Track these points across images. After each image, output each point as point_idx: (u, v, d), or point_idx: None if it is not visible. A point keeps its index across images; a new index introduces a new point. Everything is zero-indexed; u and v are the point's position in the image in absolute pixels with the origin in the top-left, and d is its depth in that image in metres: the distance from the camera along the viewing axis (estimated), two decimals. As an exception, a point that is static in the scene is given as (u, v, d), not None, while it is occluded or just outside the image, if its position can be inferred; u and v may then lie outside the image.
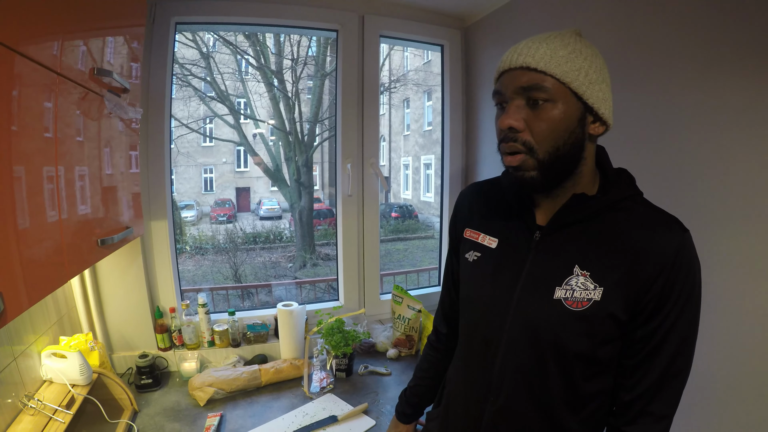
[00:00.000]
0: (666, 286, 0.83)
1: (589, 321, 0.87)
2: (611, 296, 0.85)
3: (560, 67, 0.82)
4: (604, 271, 0.87)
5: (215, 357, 2.19)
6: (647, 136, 1.52)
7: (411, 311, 2.35)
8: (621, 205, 0.91)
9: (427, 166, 10.62)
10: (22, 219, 0.91)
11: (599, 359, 0.90)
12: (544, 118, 0.84)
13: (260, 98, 7.42)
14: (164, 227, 2.13)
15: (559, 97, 0.83)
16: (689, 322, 0.87)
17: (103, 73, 1.28)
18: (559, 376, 0.91)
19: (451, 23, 2.55)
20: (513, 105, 0.86)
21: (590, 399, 0.94)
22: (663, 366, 0.87)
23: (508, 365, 0.97)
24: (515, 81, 0.86)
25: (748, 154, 1.24)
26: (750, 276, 1.28)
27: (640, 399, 0.90)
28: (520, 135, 0.85)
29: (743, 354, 1.32)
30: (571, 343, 0.89)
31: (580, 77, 0.83)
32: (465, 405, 1.09)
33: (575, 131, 0.86)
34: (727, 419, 1.38)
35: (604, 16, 1.66)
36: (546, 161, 0.86)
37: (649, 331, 0.86)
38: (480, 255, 1.06)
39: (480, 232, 1.08)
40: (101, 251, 1.33)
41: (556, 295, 0.90)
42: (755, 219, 1.24)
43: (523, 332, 0.94)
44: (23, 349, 1.52)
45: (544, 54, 0.83)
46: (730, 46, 1.26)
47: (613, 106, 0.91)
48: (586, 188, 0.94)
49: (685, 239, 0.85)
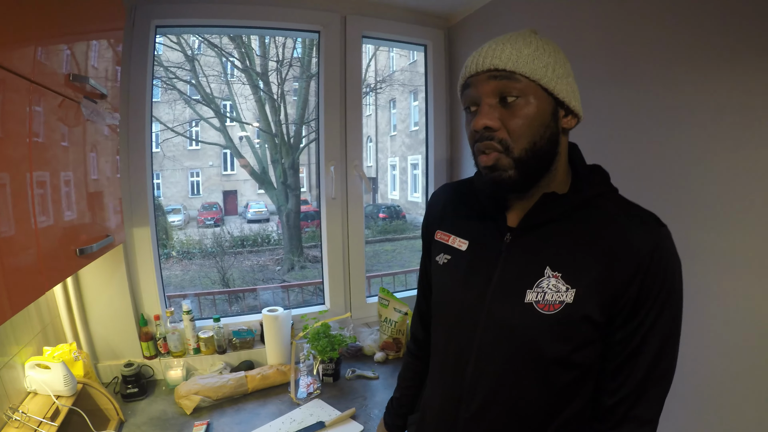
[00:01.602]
0: (644, 285, 0.81)
1: (563, 324, 0.84)
2: (585, 298, 0.83)
3: (528, 65, 0.83)
4: (577, 272, 0.85)
5: (201, 364, 2.17)
6: (633, 134, 1.53)
7: (398, 314, 2.34)
8: (594, 203, 0.89)
9: (414, 166, 10.66)
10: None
11: (577, 363, 0.86)
12: (519, 114, 0.83)
13: (246, 100, 7.41)
14: (147, 234, 2.10)
15: (531, 93, 0.83)
16: (671, 322, 0.84)
17: (79, 79, 1.26)
18: (534, 382, 0.89)
19: (435, 23, 2.54)
20: (485, 105, 0.85)
21: (568, 404, 0.91)
22: (645, 368, 0.84)
23: (481, 372, 0.94)
24: (484, 83, 0.85)
25: (737, 152, 1.25)
26: (739, 273, 1.28)
27: (623, 403, 0.87)
28: (496, 134, 0.84)
29: (732, 353, 1.32)
30: (546, 348, 0.86)
31: (548, 73, 0.84)
32: (439, 412, 1.06)
33: (550, 125, 0.86)
34: (715, 420, 1.38)
35: (588, 14, 1.66)
36: (523, 158, 0.84)
37: (628, 332, 0.84)
38: (450, 258, 1.03)
39: (450, 234, 1.05)
40: (80, 261, 1.31)
41: (527, 298, 0.87)
42: (744, 216, 1.25)
43: (496, 338, 0.91)
44: (6, 361, 1.50)
45: (510, 54, 0.83)
46: (718, 43, 1.27)
47: (581, 99, 0.91)
48: (558, 187, 0.92)
49: (662, 235, 0.83)
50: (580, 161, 0.96)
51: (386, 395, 1.87)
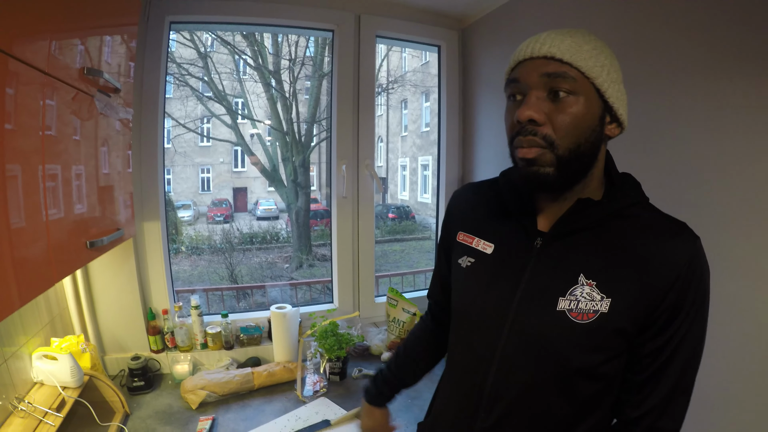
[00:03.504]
0: (679, 297, 0.78)
1: (596, 334, 0.81)
2: (619, 308, 0.80)
3: (586, 61, 0.78)
4: (612, 282, 0.81)
5: (208, 359, 2.18)
6: (650, 139, 1.51)
7: (406, 314, 2.33)
8: (628, 212, 0.86)
9: (424, 167, 10.63)
10: (3, 219, 0.89)
11: (603, 374, 0.84)
12: (568, 111, 0.78)
13: (258, 98, 7.42)
14: (157, 228, 2.11)
15: (583, 92, 0.79)
16: (699, 334, 0.83)
17: (93, 73, 1.26)
18: (557, 394, 0.86)
19: (449, 24, 2.53)
20: (533, 96, 0.80)
21: (590, 415, 0.88)
22: (673, 381, 0.82)
23: (503, 380, 0.90)
24: (539, 69, 0.80)
25: (752, 157, 1.23)
26: (747, 278, 1.26)
27: (648, 415, 0.85)
28: (540, 129, 0.79)
29: (732, 356, 1.31)
30: (574, 359, 0.82)
31: (603, 74, 0.80)
32: (452, 422, 1.03)
33: (596, 129, 0.82)
34: (716, 420, 1.37)
35: (604, 18, 1.65)
36: (565, 158, 0.80)
37: (658, 345, 0.81)
38: (474, 261, 0.99)
39: (474, 236, 1.01)
40: (90, 253, 1.31)
41: (559, 306, 0.83)
42: (760, 222, 1.23)
43: (521, 346, 0.87)
44: (14, 351, 1.51)
45: (570, 46, 0.78)
46: (734, 48, 1.25)
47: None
48: (593, 193, 0.89)
49: (697, 247, 0.81)
50: (614, 169, 0.92)
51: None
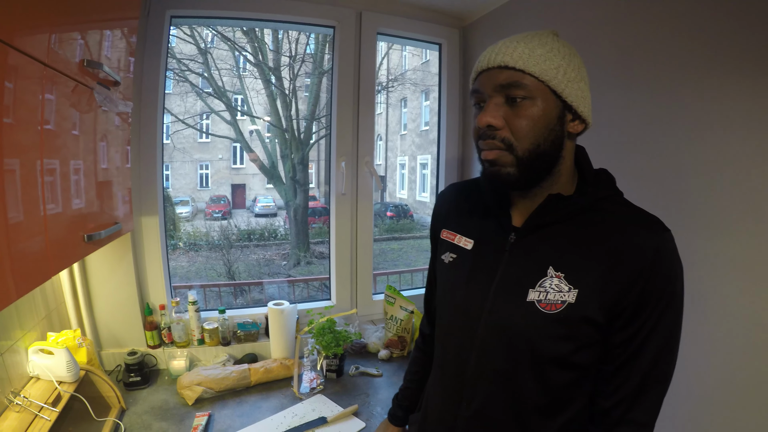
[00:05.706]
0: (645, 289, 0.81)
1: (564, 324, 0.85)
2: (585, 299, 0.83)
3: (538, 65, 0.82)
4: (580, 273, 0.85)
5: (205, 355, 2.17)
6: (644, 139, 1.51)
7: (403, 312, 2.33)
8: (598, 206, 0.89)
9: (423, 165, 10.65)
10: (0, 212, 0.89)
11: (576, 364, 0.87)
12: (524, 115, 0.83)
13: (257, 95, 7.43)
14: (155, 223, 2.10)
15: (538, 95, 0.83)
16: (671, 327, 0.85)
17: (93, 65, 1.25)
18: (533, 382, 0.89)
19: (450, 22, 2.53)
20: (491, 103, 0.85)
21: (567, 406, 0.91)
22: (643, 372, 0.85)
23: (481, 370, 0.95)
24: (493, 79, 0.85)
25: (746, 158, 1.23)
26: (744, 279, 1.26)
27: (619, 406, 0.88)
28: (499, 132, 0.84)
29: (732, 357, 1.31)
30: (545, 348, 0.87)
31: (558, 75, 0.83)
32: (440, 410, 1.07)
33: (555, 129, 0.85)
34: (716, 421, 1.37)
35: (603, 17, 1.65)
36: (525, 158, 0.85)
37: (628, 335, 0.84)
38: (456, 257, 1.04)
39: (456, 233, 1.06)
40: (88, 247, 1.31)
41: (529, 297, 0.88)
42: (751, 222, 1.23)
43: (496, 336, 0.92)
44: (10, 345, 1.50)
45: (522, 53, 0.83)
46: (729, 48, 1.25)
47: (592, 105, 0.91)
48: (563, 188, 0.92)
49: (665, 239, 0.83)
50: (587, 164, 0.95)
51: (389, 393, 1.86)
